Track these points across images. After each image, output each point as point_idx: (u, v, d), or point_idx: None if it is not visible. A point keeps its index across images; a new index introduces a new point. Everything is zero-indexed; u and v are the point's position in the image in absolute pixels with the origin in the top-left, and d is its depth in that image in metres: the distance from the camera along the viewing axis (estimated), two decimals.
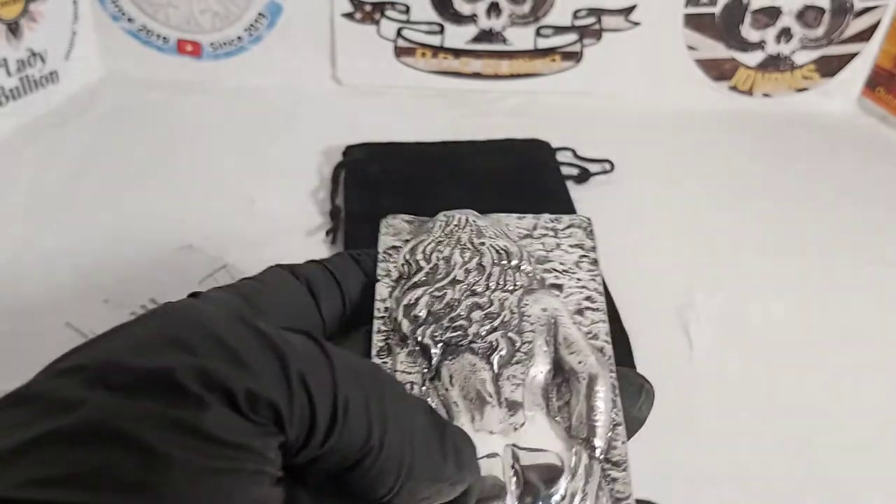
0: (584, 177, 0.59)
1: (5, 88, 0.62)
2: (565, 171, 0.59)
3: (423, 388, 0.25)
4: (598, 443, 0.24)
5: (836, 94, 0.73)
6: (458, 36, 0.71)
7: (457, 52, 0.71)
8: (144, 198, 0.56)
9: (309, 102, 0.69)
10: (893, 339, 0.46)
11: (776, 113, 0.72)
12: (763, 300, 0.49)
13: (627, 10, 0.69)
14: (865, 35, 0.71)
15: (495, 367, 0.25)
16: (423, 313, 0.26)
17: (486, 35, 0.71)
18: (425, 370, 0.25)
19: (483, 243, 0.29)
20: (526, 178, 0.58)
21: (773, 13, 0.70)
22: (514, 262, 0.28)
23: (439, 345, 0.26)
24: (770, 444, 0.39)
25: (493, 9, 0.70)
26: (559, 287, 0.29)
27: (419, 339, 0.26)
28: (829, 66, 0.72)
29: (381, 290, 0.28)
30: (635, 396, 0.27)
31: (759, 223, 0.56)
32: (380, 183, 0.56)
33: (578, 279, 0.29)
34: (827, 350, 0.45)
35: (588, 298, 0.28)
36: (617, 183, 0.60)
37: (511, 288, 0.27)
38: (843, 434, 0.40)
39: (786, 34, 0.71)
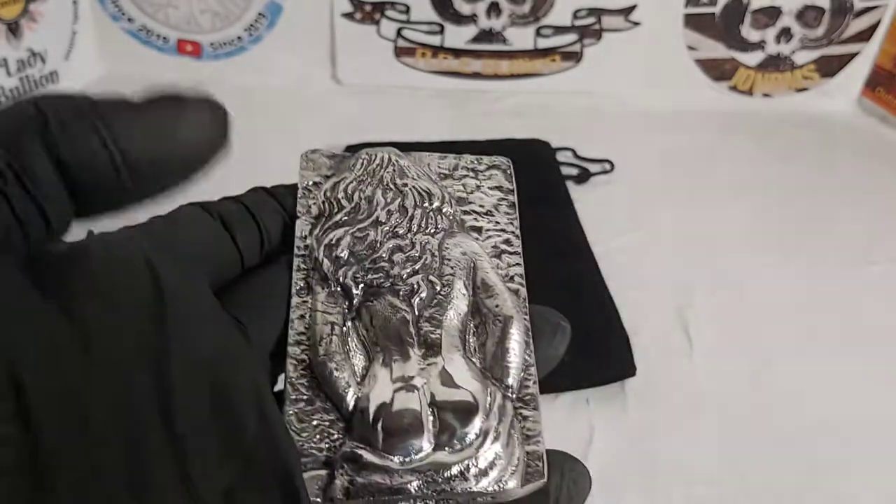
0: (584, 177, 0.59)
1: (5, 88, 0.62)
2: (565, 171, 0.59)
3: (344, 327, 0.25)
4: (511, 382, 0.25)
5: (836, 94, 0.73)
6: (458, 36, 0.71)
7: (457, 52, 0.71)
8: None
9: (309, 102, 0.70)
10: (894, 339, 0.46)
11: (776, 113, 0.72)
12: (763, 300, 0.49)
13: (627, 10, 0.69)
14: (865, 35, 0.71)
15: (415, 309, 0.26)
16: (344, 254, 0.26)
17: (486, 35, 0.71)
18: (346, 310, 0.26)
19: (406, 184, 0.29)
20: (526, 178, 0.58)
21: (773, 13, 0.70)
22: (435, 205, 0.28)
23: (360, 286, 0.26)
24: (770, 444, 0.39)
25: (493, 9, 0.70)
26: (478, 230, 0.29)
27: (340, 279, 0.26)
28: (829, 66, 0.72)
29: (301, 226, 0.28)
30: (551, 335, 0.27)
31: (760, 223, 0.56)
32: None
33: (497, 222, 0.29)
34: (827, 350, 0.45)
35: (506, 241, 0.29)
36: (617, 183, 0.60)
37: (432, 231, 0.28)
38: (844, 434, 0.40)
39: (786, 34, 0.71)
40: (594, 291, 0.47)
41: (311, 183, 0.30)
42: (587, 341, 0.43)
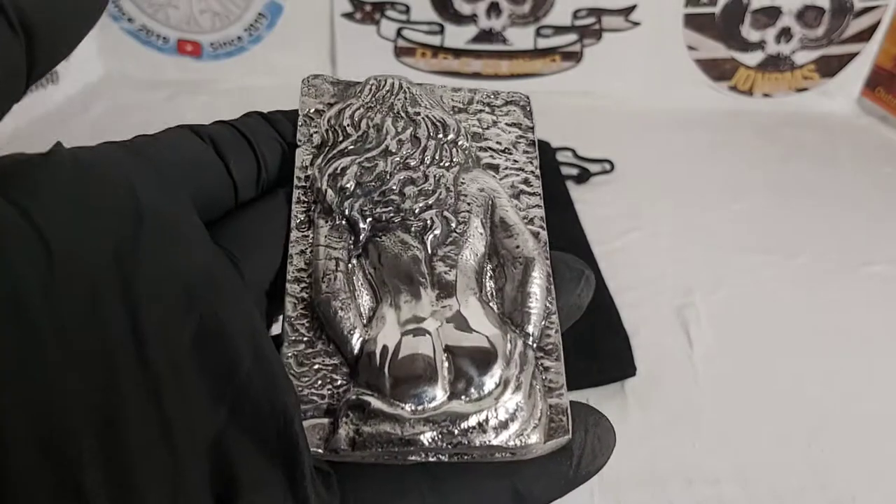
0: (584, 177, 0.59)
1: None
2: (565, 171, 0.59)
3: (350, 264, 0.23)
4: (532, 330, 0.22)
5: (836, 94, 0.73)
6: (458, 36, 0.71)
7: (457, 52, 0.71)
8: None
9: None
10: (893, 339, 0.46)
11: (776, 113, 0.72)
12: (762, 300, 0.49)
13: (627, 10, 0.69)
14: (865, 35, 0.71)
15: (429, 246, 0.23)
16: (350, 185, 0.24)
17: (486, 35, 0.71)
18: (351, 246, 0.23)
19: (418, 113, 0.26)
20: None
21: (773, 13, 0.70)
22: (450, 137, 0.26)
23: (368, 220, 0.24)
24: (770, 444, 0.39)
25: (493, 9, 0.70)
26: (495, 168, 0.27)
27: (346, 212, 0.24)
28: (829, 66, 0.72)
29: (302, 156, 0.25)
30: (575, 282, 0.25)
31: (759, 223, 0.56)
32: None
33: (515, 160, 0.27)
34: (827, 350, 0.45)
35: (525, 181, 0.27)
36: (617, 183, 0.60)
37: (447, 164, 0.25)
38: (843, 434, 0.40)
39: (786, 34, 0.71)
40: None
41: (312, 110, 0.27)
42: (587, 341, 0.43)
